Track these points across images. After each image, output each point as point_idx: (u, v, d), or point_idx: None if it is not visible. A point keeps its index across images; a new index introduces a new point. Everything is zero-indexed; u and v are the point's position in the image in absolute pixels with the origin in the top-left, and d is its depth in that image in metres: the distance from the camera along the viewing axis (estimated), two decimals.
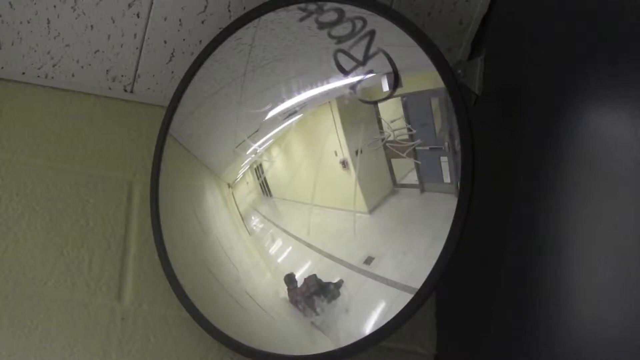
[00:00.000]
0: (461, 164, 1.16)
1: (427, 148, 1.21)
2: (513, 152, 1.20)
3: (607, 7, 1.03)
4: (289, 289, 1.26)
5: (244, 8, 1.33)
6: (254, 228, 1.30)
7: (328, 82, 1.26)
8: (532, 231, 1.11)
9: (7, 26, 1.34)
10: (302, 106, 1.28)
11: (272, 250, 1.28)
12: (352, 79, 1.24)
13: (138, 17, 1.34)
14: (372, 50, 1.22)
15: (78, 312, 1.25)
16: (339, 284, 1.23)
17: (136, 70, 1.39)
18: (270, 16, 1.28)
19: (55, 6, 1.32)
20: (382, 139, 1.23)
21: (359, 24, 1.23)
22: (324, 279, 1.24)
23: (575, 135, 1.05)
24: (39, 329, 1.23)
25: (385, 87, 1.22)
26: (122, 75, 1.39)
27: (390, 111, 1.23)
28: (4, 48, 1.35)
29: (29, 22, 1.33)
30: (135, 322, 1.26)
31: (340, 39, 1.24)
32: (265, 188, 1.30)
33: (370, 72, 1.23)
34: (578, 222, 1.03)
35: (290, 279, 1.26)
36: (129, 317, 1.26)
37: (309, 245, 1.26)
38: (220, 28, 1.32)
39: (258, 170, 1.31)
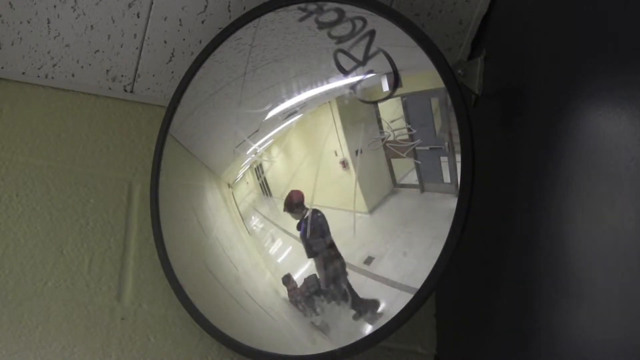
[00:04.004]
0: (461, 164, 1.16)
1: (427, 148, 1.21)
2: (513, 152, 1.20)
3: (608, 6, 1.03)
4: (288, 289, 1.26)
5: (244, 8, 1.33)
6: (254, 228, 1.30)
7: (328, 82, 1.26)
8: (531, 231, 1.11)
9: (7, 26, 1.34)
10: (302, 106, 1.28)
11: (272, 250, 1.28)
12: (352, 79, 1.24)
13: (138, 17, 1.34)
14: (372, 50, 1.22)
15: (78, 312, 1.25)
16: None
17: (136, 70, 1.39)
18: (270, 16, 1.28)
19: (55, 6, 1.32)
20: (382, 139, 1.23)
21: (359, 24, 1.23)
22: None
23: (576, 135, 1.05)
24: (39, 329, 1.23)
25: (385, 87, 1.22)
26: (122, 75, 1.39)
27: (390, 111, 1.23)
28: (4, 48, 1.36)
29: (29, 22, 1.34)
30: (135, 322, 1.26)
31: (340, 39, 1.24)
32: (265, 188, 1.30)
33: (370, 72, 1.23)
34: (578, 222, 1.03)
35: (287, 280, 1.26)
36: (129, 317, 1.26)
37: None
38: (220, 28, 1.32)
39: (258, 170, 1.31)
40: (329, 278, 1.22)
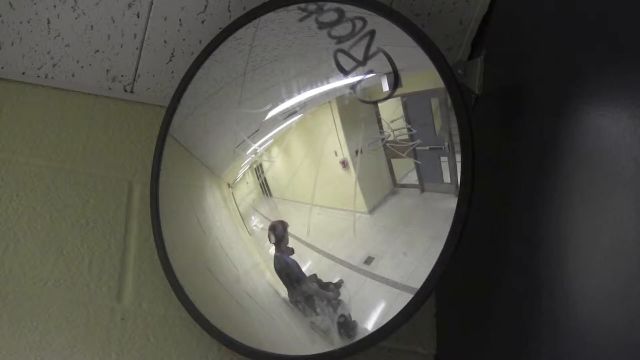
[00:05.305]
0: (461, 164, 1.16)
1: (427, 148, 1.21)
2: (513, 152, 1.20)
3: (608, 7, 1.03)
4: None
5: (244, 8, 1.33)
6: (254, 228, 1.30)
7: (328, 82, 1.26)
8: (532, 231, 1.11)
9: (7, 26, 1.34)
10: (302, 106, 1.28)
11: (272, 250, 1.28)
12: (352, 79, 1.24)
13: (138, 17, 1.34)
14: (372, 50, 1.22)
15: (78, 312, 1.25)
16: (339, 284, 1.23)
17: (136, 70, 1.39)
18: (270, 16, 1.28)
19: (55, 6, 1.32)
20: (382, 139, 1.23)
21: (359, 24, 1.23)
22: (324, 279, 1.24)
23: (575, 135, 1.05)
24: (39, 329, 1.23)
25: (385, 87, 1.22)
26: (122, 75, 1.39)
27: (390, 111, 1.23)
28: (4, 48, 1.36)
29: (29, 22, 1.33)
30: (135, 322, 1.26)
31: (340, 39, 1.24)
32: (265, 188, 1.30)
33: (370, 72, 1.23)
34: (578, 222, 1.03)
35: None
36: (129, 317, 1.26)
37: (309, 245, 1.26)
38: (220, 28, 1.32)
39: (258, 170, 1.31)
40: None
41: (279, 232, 1.27)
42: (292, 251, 1.26)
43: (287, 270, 1.25)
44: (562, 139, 1.07)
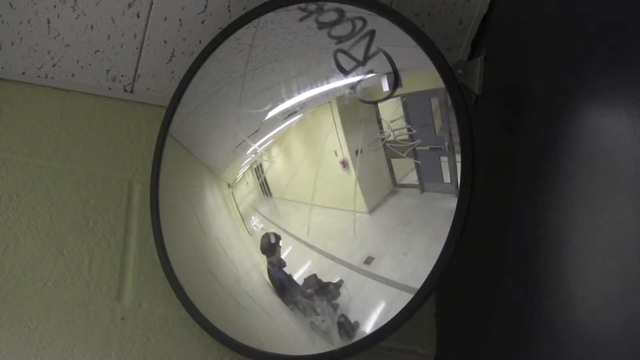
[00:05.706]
0: (461, 164, 1.16)
1: (427, 148, 1.21)
2: (513, 152, 1.20)
3: (608, 7, 1.03)
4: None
5: (244, 8, 1.33)
6: (254, 228, 1.30)
7: (328, 82, 1.26)
8: (532, 231, 1.11)
9: (7, 26, 1.34)
10: (302, 106, 1.28)
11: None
12: (352, 79, 1.24)
13: (138, 17, 1.34)
14: (372, 50, 1.22)
15: (78, 312, 1.25)
16: (339, 284, 1.23)
17: (136, 70, 1.39)
18: (270, 16, 1.28)
19: (55, 6, 1.32)
20: (382, 139, 1.23)
21: (359, 24, 1.23)
22: (324, 279, 1.24)
23: (575, 135, 1.05)
24: (39, 329, 1.23)
25: (385, 87, 1.22)
26: (122, 75, 1.39)
27: (390, 111, 1.23)
28: (4, 48, 1.36)
29: (29, 22, 1.34)
30: (135, 322, 1.26)
31: (340, 39, 1.24)
32: (265, 188, 1.30)
33: (370, 72, 1.23)
34: (578, 222, 1.03)
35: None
36: (129, 317, 1.26)
37: (309, 245, 1.26)
38: (220, 28, 1.32)
39: (258, 170, 1.31)
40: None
41: (275, 237, 1.27)
42: (284, 264, 1.26)
43: (280, 283, 1.26)
44: (562, 139, 1.07)
